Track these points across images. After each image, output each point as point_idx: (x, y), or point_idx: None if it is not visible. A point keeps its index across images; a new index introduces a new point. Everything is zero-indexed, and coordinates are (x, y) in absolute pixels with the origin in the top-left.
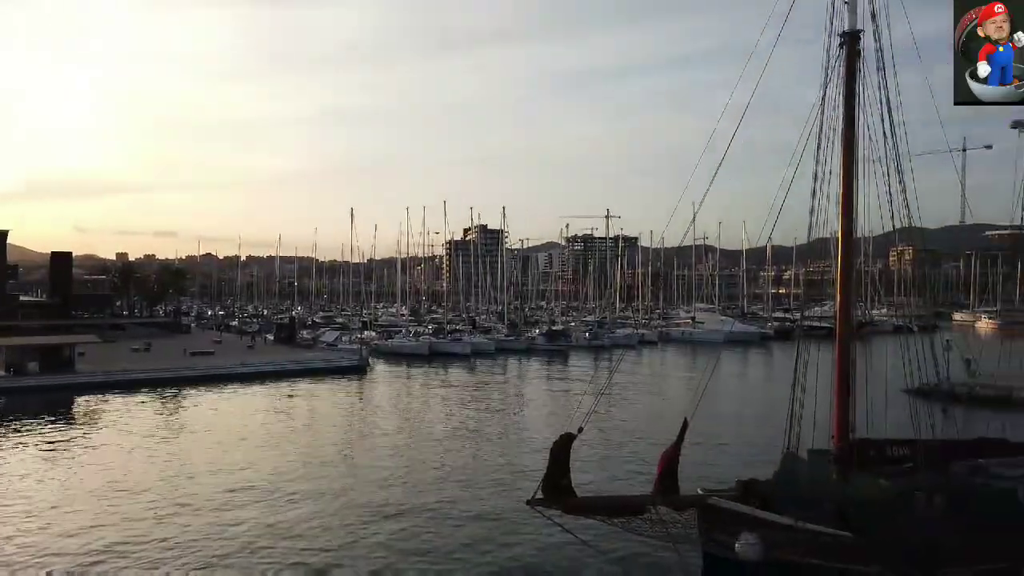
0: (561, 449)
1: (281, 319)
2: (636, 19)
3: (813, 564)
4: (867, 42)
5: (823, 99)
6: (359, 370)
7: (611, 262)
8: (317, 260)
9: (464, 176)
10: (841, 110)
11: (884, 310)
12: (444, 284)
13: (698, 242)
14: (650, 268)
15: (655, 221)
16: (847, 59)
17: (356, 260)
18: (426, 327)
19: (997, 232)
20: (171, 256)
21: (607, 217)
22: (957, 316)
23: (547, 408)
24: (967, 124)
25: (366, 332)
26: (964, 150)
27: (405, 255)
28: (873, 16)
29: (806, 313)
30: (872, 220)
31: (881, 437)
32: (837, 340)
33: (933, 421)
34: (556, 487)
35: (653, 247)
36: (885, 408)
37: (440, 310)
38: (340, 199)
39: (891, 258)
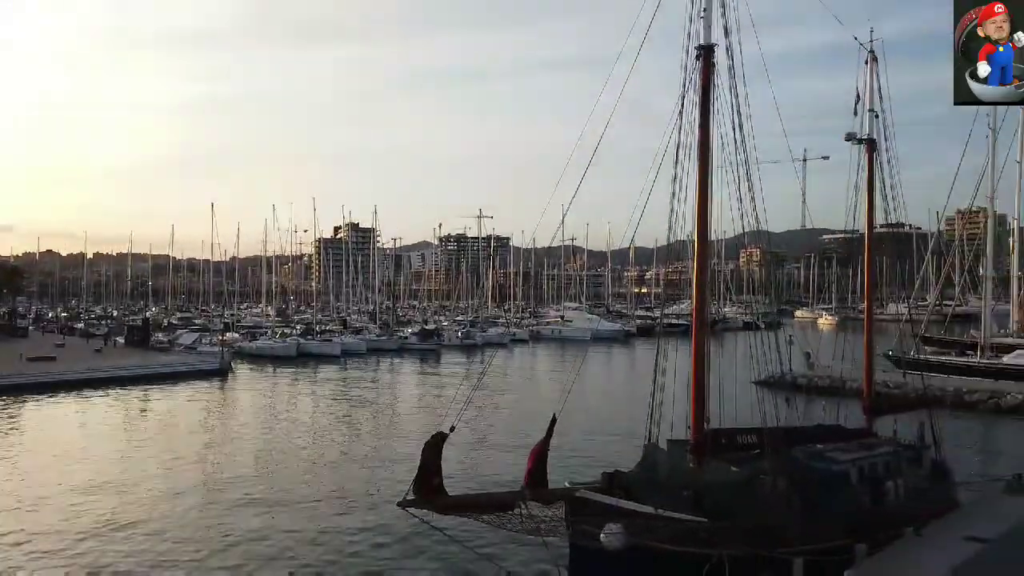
0: (432, 449)
1: (134, 321)
2: (508, 21)
3: (674, 550)
4: (721, 56)
5: (681, 108)
6: (220, 373)
7: (484, 262)
8: (174, 258)
9: (335, 174)
10: (697, 119)
11: (735, 308)
12: (313, 283)
13: (567, 243)
14: (521, 268)
15: (527, 222)
16: (703, 71)
17: (217, 258)
18: (294, 328)
19: (833, 236)
20: (5, 253)
21: (479, 217)
22: (799, 313)
23: (419, 408)
24: (809, 136)
25: (228, 334)
26: (804, 160)
27: (271, 253)
28: (726, 32)
29: (665, 311)
30: (725, 223)
31: (733, 426)
32: (693, 336)
33: (777, 410)
34: (428, 487)
35: (524, 247)
36: (736, 399)
37: (309, 310)
38: (199, 194)
39: (741, 259)
